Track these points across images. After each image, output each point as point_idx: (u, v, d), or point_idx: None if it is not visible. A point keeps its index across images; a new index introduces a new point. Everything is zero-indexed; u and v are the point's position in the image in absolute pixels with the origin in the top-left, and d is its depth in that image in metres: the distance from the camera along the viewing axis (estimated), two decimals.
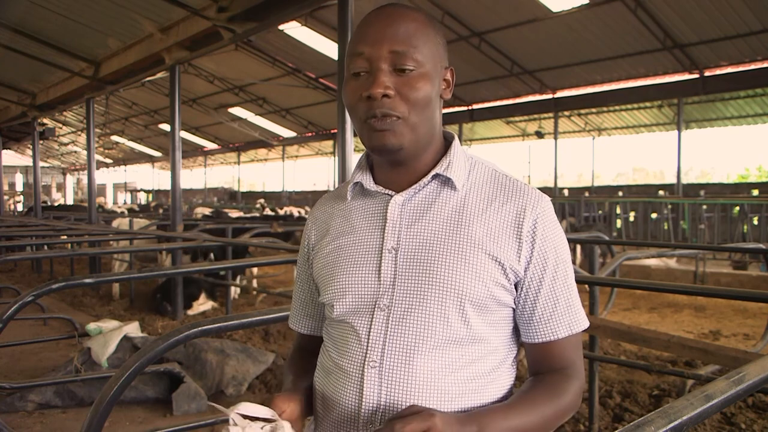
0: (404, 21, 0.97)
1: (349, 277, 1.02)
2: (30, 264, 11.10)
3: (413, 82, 0.96)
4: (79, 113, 20.59)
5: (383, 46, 0.96)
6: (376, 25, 0.98)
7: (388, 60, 0.96)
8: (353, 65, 0.99)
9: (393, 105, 0.95)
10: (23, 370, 4.74)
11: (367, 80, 0.97)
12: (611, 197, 14.07)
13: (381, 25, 0.97)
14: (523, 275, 0.99)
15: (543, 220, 0.99)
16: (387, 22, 0.97)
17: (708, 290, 3.48)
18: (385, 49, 0.96)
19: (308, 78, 16.97)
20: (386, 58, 0.96)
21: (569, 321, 1.01)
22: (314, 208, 1.18)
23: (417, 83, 0.96)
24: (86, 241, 6.50)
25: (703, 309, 7.17)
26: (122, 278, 4.54)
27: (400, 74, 0.96)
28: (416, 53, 0.96)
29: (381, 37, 0.96)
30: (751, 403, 3.78)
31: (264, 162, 32.14)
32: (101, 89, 9.63)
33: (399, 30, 0.96)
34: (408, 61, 0.96)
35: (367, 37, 0.98)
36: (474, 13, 11.93)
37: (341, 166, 4.41)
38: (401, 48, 0.96)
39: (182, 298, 6.94)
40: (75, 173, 45.17)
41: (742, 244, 6.38)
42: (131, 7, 7.01)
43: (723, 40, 11.27)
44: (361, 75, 0.98)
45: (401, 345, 0.96)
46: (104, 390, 1.58)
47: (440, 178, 1.03)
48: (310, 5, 5.36)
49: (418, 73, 0.97)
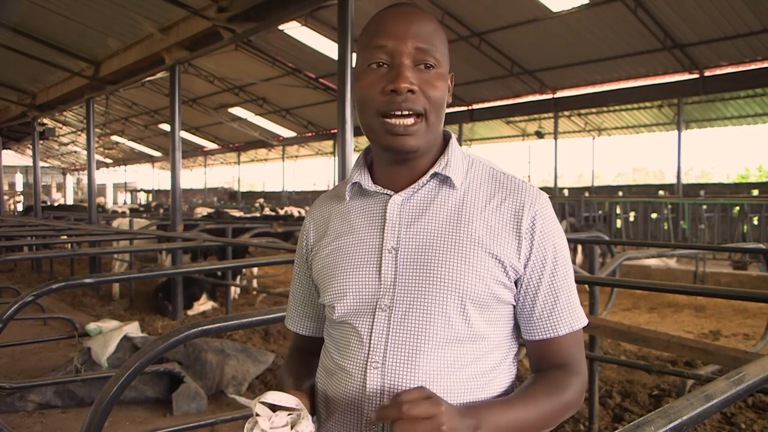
0: (426, 21, 0.99)
1: (350, 278, 1.02)
2: (30, 264, 11.10)
3: (433, 80, 0.97)
4: (79, 113, 20.59)
5: (408, 41, 0.96)
6: (399, 21, 0.98)
7: (412, 56, 0.96)
8: (373, 57, 0.98)
9: (416, 101, 0.96)
10: (23, 370, 4.74)
11: (388, 74, 0.97)
12: (611, 197, 14.06)
13: (404, 22, 0.97)
14: (523, 272, 0.98)
15: (542, 216, 0.99)
16: (410, 20, 0.98)
17: (708, 290, 3.48)
18: (410, 44, 0.96)
19: (308, 78, 16.97)
20: (410, 54, 0.96)
21: (569, 318, 1.00)
22: (312, 208, 1.17)
23: (437, 81, 0.97)
24: (86, 241, 6.49)
25: (703, 309, 7.17)
26: (122, 278, 4.52)
27: (421, 71, 0.97)
28: (437, 52, 0.98)
29: (405, 32, 0.96)
30: (751, 403, 3.78)
31: (264, 162, 32.15)
32: (101, 89, 9.63)
33: (422, 28, 0.97)
34: (430, 58, 0.97)
35: (390, 31, 0.97)
36: (474, 13, 11.93)
37: (341, 166, 4.41)
38: (425, 45, 0.96)
39: (182, 298, 6.94)
40: (75, 173, 45.18)
41: (742, 244, 6.38)
42: (131, 7, 7.01)
43: (723, 40, 11.27)
44: (381, 67, 0.98)
45: (403, 345, 0.95)
46: (104, 390, 1.58)
47: (439, 177, 1.03)
48: (310, 5, 5.36)
49: (437, 72, 0.98)
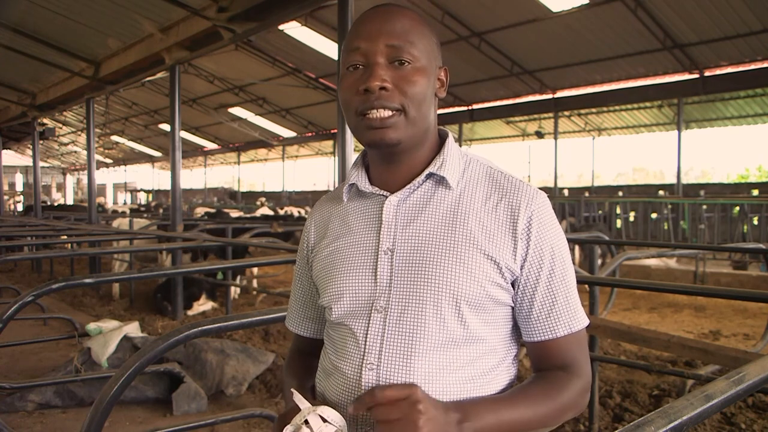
0: (400, 18, 0.98)
1: (346, 279, 1.02)
2: (30, 264, 11.09)
3: (410, 76, 0.96)
4: (79, 113, 20.59)
5: (380, 40, 0.96)
6: (372, 22, 0.99)
7: (385, 53, 0.96)
8: (349, 60, 0.99)
9: (390, 98, 0.95)
10: (23, 370, 4.74)
11: (363, 74, 0.97)
12: (611, 197, 14.06)
13: (377, 21, 0.98)
14: (520, 273, 0.98)
15: (538, 217, 0.98)
16: (383, 19, 0.98)
17: (708, 290, 3.48)
18: (382, 43, 0.96)
19: (308, 78, 16.97)
20: (383, 52, 0.96)
21: (568, 319, 0.99)
22: (313, 210, 1.18)
23: (413, 76, 0.97)
24: (86, 241, 6.49)
25: (703, 309, 7.17)
26: (122, 278, 4.53)
27: (396, 68, 0.97)
28: (412, 48, 0.97)
29: (377, 32, 0.97)
30: (751, 403, 3.78)
31: (264, 162, 32.14)
32: (101, 89, 9.63)
33: (395, 26, 0.97)
34: (404, 54, 0.96)
35: (363, 33, 0.98)
36: (474, 13, 11.93)
37: (341, 166, 4.41)
38: (397, 42, 0.96)
39: (182, 298, 6.94)
40: (75, 173, 45.17)
41: (742, 244, 6.38)
42: (131, 7, 7.01)
43: (723, 40, 11.27)
44: (357, 69, 0.98)
45: (398, 347, 0.95)
46: (104, 390, 1.58)
47: (434, 177, 1.02)
48: (310, 5, 5.36)
49: (414, 67, 0.97)
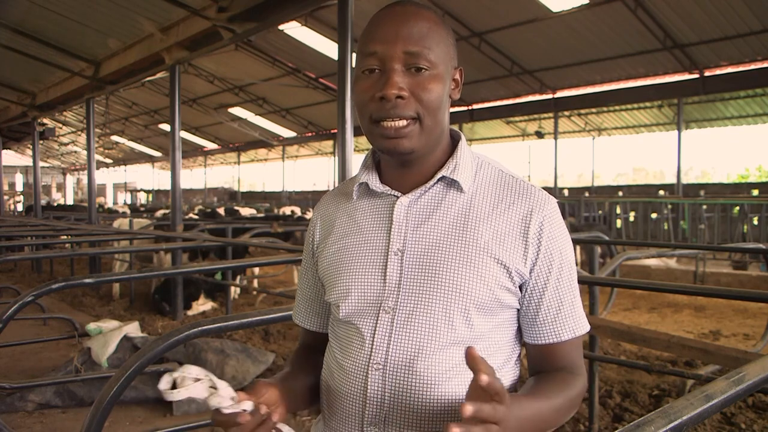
0: (418, 20, 0.96)
1: (355, 278, 1.01)
2: (30, 264, 11.08)
3: (426, 83, 0.95)
4: (79, 113, 20.59)
5: (397, 45, 0.94)
6: (389, 24, 0.96)
7: (402, 60, 0.94)
8: (365, 63, 0.97)
9: (406, 106, 0.94)
10: (23, 370, 4.74)
11: (379, 80, 0.96)
12: (611, 197, 14.07)
13: (394, 24, 0.96)
14: (528, 277, 0.98)
15: (549, 222, 0.98)
16: (400, 21, 0.95)
17: (708, 290, 3.48)
18: (399, 48, 0.94)
19: (308, 78, 16.97)
20: (400, 58, 0.94)
21: (573, 324, 1.00)
22: (319, 205, 1.16)
23: (430, 84, 0.95)
24: (86, 241, 6.49)
25: (703, 309, 7.17)
26: (122, 278, 4.54)
27: (413, 74, 0.95)
28: (430, 54, 0.95)
29: (394, 36, 0.95)
30: (751, 403, 3.78)
31: (264, 162, 32.16)
32: (101, 89, 9.62)
33: (413, 30, 0.95)
34: (422, 61, 0.94)
35: (380, 36, 0.96)
36: (474, 13, 11.94)
37: (341, 166, 4.41)
38: (415, 48, 0.94)
39: (182, 298, 6.94)
40: (75, 173, 45.17)
41: (742, 244, 6.38)
42: (131, 7, 7.01)
43: (723, 40, 11.27)
44: (374, 73, 0.97)
45: (405, 347, 0.95)
46: (104, 390, 1.58)
47: (446, 180, 1.02)
48: (310, 5, 5.36)
49: (431, 74, 0.95)
